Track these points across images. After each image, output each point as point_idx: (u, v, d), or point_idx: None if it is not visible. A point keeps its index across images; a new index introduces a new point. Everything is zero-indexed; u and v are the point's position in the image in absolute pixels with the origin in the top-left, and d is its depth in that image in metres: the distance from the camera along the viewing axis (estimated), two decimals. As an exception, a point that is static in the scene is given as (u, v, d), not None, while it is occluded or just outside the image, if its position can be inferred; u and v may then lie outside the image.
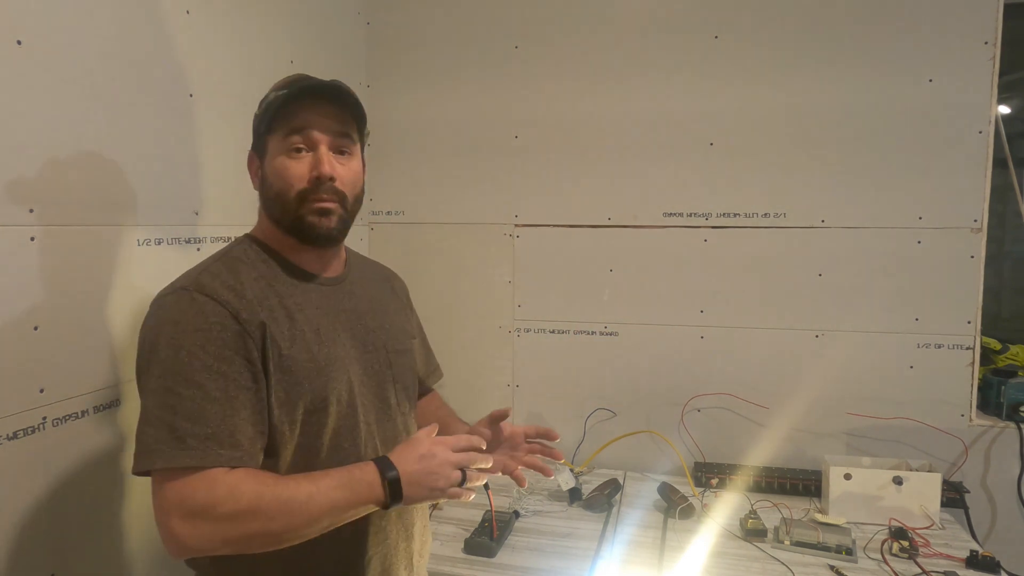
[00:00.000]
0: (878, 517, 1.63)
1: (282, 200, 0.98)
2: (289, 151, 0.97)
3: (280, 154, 0.97)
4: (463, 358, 2.11)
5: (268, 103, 0.99)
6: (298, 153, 0.97)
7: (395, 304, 1.20)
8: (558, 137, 2.01)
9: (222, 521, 0.83)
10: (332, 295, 1.04)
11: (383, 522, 1.03)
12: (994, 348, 1.92)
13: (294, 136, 0.97)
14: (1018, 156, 1.96)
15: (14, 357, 1.03)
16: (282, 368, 0.93)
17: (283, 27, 1.70)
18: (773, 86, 1.87)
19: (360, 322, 1.06)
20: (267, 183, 0.99)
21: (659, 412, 1.99)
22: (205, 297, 0.90)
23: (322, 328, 0.99)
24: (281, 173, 0.97)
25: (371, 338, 1.07)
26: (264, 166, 1.00)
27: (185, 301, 0.90)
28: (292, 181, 0.97)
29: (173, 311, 0.90)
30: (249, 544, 0.86)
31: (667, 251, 1.97)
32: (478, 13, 2.05)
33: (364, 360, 1.04)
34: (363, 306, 1.09)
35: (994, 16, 1.74)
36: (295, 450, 0.95)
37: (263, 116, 0.99)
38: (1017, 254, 2.18)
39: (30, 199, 1.05)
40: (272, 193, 0.99)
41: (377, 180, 2.14)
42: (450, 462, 0.93)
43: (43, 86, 1.07)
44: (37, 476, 1.07)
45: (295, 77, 1.04)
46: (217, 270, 0.95)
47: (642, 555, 1.49)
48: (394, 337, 1.12)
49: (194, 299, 0.90)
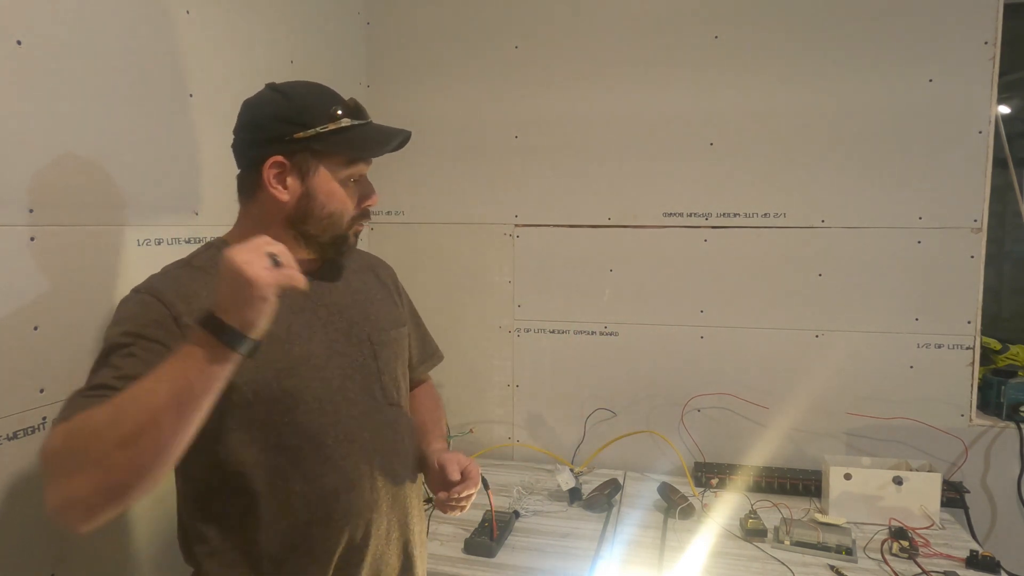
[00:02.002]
0: (878, 517, 1.63)
1: (334, 222, 1.01)
2: (349, 179, 1.02)
3: (337, 178, 1.00)
4: (463, 358, 2.11)
5: (343, 128, 0.97)
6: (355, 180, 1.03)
7: (381, 293, 1.19)
8: (558, 137, 2.01)
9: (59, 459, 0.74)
10: (311, 292, 1.02)
11: (372, 515, 1.03)
12: (994, 348, 1.92)
13: (359, 167, 1.02)
14: (1018, 156, 1.96)
15: (14, 357, 1.03)
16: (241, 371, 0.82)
17: (283, 27, 1.71)
18: (773, 86, 1.87)
19: (342, 316, 1.06)
20: (316, 202, 0.99)
21: (659, 412, 1.99)
22: (151, 298, 0.92)
23: (293, 327, 0.99)
24: (342, 199, 1.01)
25: (354, 331, 1.06)
26: (310, 182, 0.99)
27: (133, 301, 0.93)
28: (349, 208, 1.02)
29: (122, 311, 0.92)
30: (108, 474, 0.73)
31: (667, 251, 1.97)
32: (478, 13, 2.05)
33: (348, 354, 1.04)
34: (345, 299, 1.08)
35: (994, 16, 1.74)
36: (275, 451, 0.96)
37: (325, 136, 0.97)
38: (1017, 254, 2.18)
39: (30, 199, 1.05)
40: (324, 213, 1.00)
41: (377, 180, 2.11)
42: (251, 265, 0.75)
43: (43, 86, 1.07)
44: (37, 476, 1.07)
45: (355, 104, 1.01)
46: (176, 275, 0.97)
47: (642, 555, 1.49)
48: (379, 328, 1.11)
49: (142, 299, 0.92)
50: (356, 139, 0.99)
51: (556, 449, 2.06)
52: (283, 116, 0.97)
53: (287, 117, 0.97)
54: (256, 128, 0.99)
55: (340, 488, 0.99)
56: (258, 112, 1.00)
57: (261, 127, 0.98)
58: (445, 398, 2.11)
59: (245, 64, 1.54)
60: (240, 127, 1.02)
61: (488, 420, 2.10)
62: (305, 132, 0.96)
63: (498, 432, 2.12)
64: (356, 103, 1.01)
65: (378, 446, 1.05)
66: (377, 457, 1.04)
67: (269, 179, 0.97)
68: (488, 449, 2.10)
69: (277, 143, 0.97)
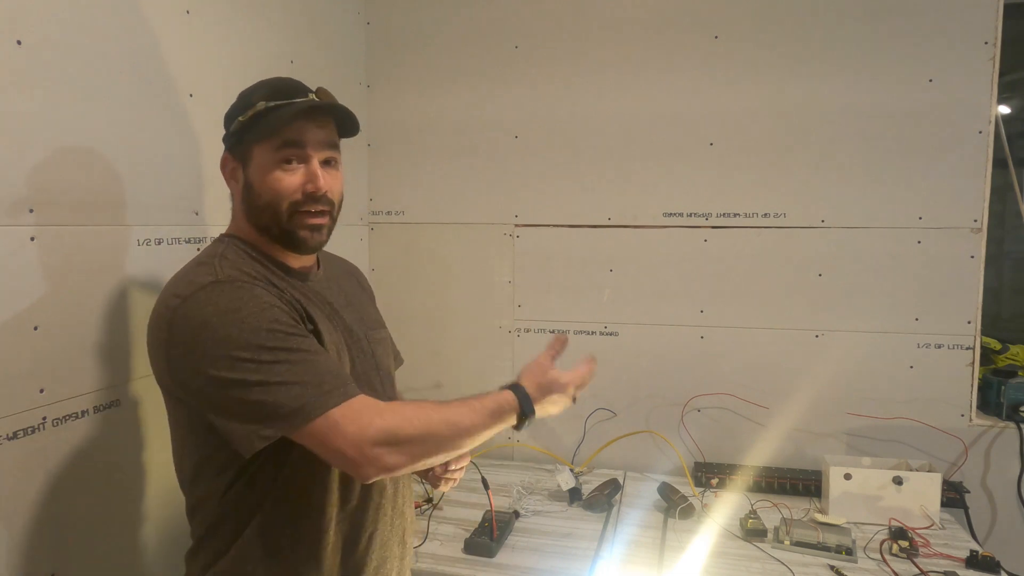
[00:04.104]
0: (878, 517, 1.63)
1: (272, 211, 0.99)
2: (280, 163, 0.98)
3: (270, 165, 0.98)
4: (463, 358, 2.11)
5: (259, 113, 0.98)
6: (288, 164, 0.98)
7: (364, 296, 1.24)
8: (558, 137, 2.01)
9: (410, 444, 0.90)
10: (315, 288, 1.07)
11: (381, 499, 1.06)
12: (994, 348, 1.92)
13: (288, 149, 0.98)
14: (1018, 156, 1.96)
15: (14, 357, 1.03)
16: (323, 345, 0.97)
17: (283, 27, 1.70)
18: (773, 86, 1.87)
19: (340, 314, 1.08)
20: (254, 192, 1.00)
21: (659, 412, 1.99)
22: (246, 284, 0.92)
23: (325, 315, 1.03)
24: (272, 185, 0.98)
25: (355, 327, 1.09)
26: (248, 173, 1.00)
27: (230, 290, 0.90)
28: (284, 193, 0.98)
29: (223, 301, 0.89)
30: (427, 460, 0.95)
31: (667, 251, 1.97)
32: (478, 13, 2.05)
33: (354, 348, 1.07)
34: (340, 299, 1.11)
35: (994, 16, 1.74)
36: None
37: (250, 124, 0.98)
38: (1017, 254, 2.18)
39: (30, 199, 1.05)
40: (261, 203, 0.99)
41: (377, 180, 2.14)
42: (566, 392, 1.05)
43: (43, 86, 1.07)
44: (37, 476, 1.07)
45: (283, 86, 1.01)
46: (232, 265, 0.95)
47: (642, 555, 1.49)
48: (371, 327, 1.15)
49: (240, 286, 0.91)
50: (271, 120, 0.97)
51: (556, 449, 2.06)
52: (231, 112, 1.03)
53: (232, 113, 1.03)
54: (224, 128, 1.05)
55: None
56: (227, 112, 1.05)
57: (224, 126, 1.05)
58: (445, 398, 2.11)
59: (245, 64, 1.54)
60: None
61: (488, 420, 2.09)
62: (234, 125, 1.01)
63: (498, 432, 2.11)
64: (285, 84, 1.01)
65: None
66: None
67: (225, 175, 1.04)
68: (488, 449, 2.09)
69: (227, 140, 1.04)
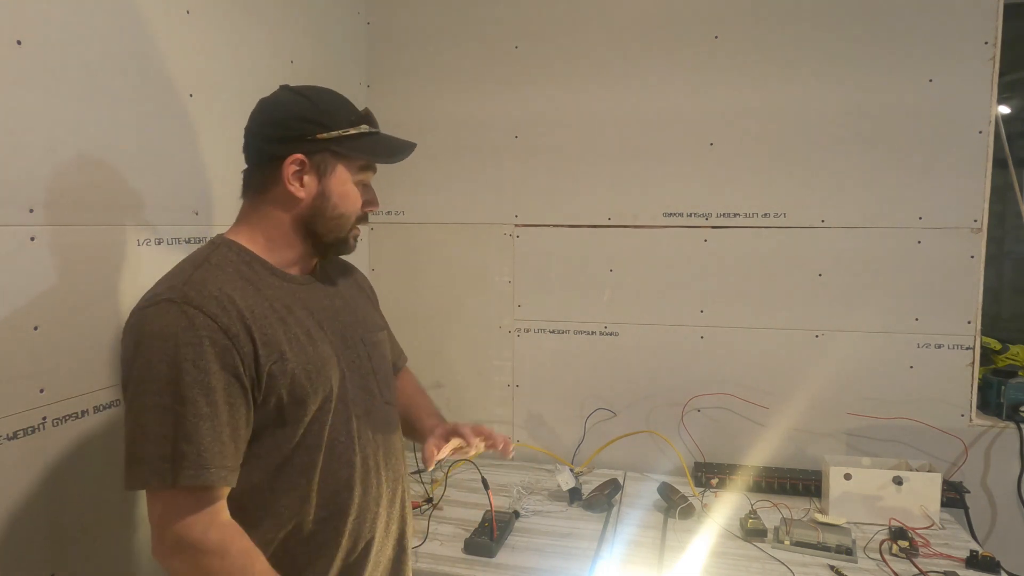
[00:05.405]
0: (878, 517, 1.63)
1: (341, 222, 1.05)
2: (359, 182, 1.06)
3: (350, 181, 1.05)
4: (463, 358, 2.11)
5: (365, 136, 1.03)
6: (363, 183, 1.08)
7: (362, 298, 1.23)
8: (558, 137, 2.01)
9: (202, 559, 0.88)
10: (310, 294, 1.06)
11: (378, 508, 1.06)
12: (994, 348, 1.92)
13: (369, 172, 1.08)
14: (1018, 156, 1.96)
15: (14, 357, 1.03)
16: (284, 372, 0.94)
17: (283, 27, 1.71)
18: (773, 86, 1.87)
19: (337, 318, 1.08)
20: (329, 202, 1.03)
21: (659, 412, 1.99)
22: (194, 309, 0.89)
23: (311, 328, 1.01)
24: (352, 199, 1.05)
25: (349, 332, 1.09)
26: (326, 183, 1.02)
27: (174, 313, 0.89)
28: (355, 208, 1.06)
29: (162, 323, 0.88)
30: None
31: (667, 251, 1.97)
32: (478, 13, 2.05)
33: (347, 355, 1.06)
34: (337, 303, 1.11)
35: (994, 16, 1.74)
36: (298, 449, 0.97)
37: (345, 140, 1.02)
38: (1017, 254, 2.18)
39: (30, 199, 1.05)
40: (335, 213, 1.04)
41: (377, 180, 2.12)
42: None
43: (43, 86, 1.07)
44: (37, 476, 1.07)
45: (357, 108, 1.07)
46: (201, 280, 0.93)
47: (642, 555, 1.49)
48: (368, 330, 1.15)
49: (184, 312, 0.88)
50: (373, 145, 1.05)
51: (556, 449, 2.06)
52: (306, 116, 1.00)
53: (310, 118, 1.00)
54: (277, 126, 1.01)
55: (353, 483, 1.02)
56: (280, 111, 1.02)
57: (283, 125, 1.00)
58: (445, 398, 2.13)
59: (245, 64, 1.54)
60: (259, 124, 1.03)
61: (488, 420, 2.09)
62: (328, 133, 1.00)
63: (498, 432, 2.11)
64: (370, 113, 1.07)
65: (380, 443, 1.08)
66: (380, 453, 1.08)
67: (288, 176, 1.00)
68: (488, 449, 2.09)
69: (298, 142, 1.00)
